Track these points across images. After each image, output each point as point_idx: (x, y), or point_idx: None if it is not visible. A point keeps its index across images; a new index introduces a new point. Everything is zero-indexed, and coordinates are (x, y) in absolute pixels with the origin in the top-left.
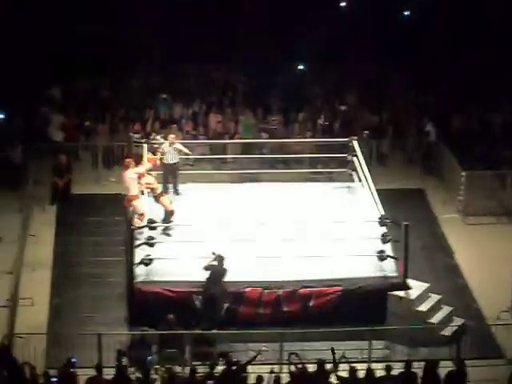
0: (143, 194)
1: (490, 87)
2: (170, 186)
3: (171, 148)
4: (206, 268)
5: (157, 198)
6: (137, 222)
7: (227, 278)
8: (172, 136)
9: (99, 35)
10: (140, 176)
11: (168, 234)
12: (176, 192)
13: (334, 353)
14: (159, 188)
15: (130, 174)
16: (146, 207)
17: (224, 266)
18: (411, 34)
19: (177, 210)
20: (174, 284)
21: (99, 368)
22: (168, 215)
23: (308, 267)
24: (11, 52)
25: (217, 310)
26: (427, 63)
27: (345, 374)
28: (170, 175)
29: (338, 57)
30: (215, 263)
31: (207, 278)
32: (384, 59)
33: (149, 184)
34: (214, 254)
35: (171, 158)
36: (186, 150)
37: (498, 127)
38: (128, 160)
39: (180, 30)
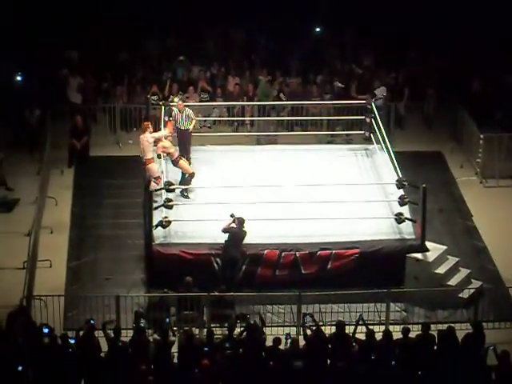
0: (160, 157)
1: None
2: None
3: (182, 114)
4: (225, 230)
5: (175, 162)
6: (153, 185)
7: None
8: (180, 102)
9: None
10: (157, 140)
11: (186, 196)
12: (187, 158)
13: (359, 323)
14: (176, 152)
15: (147, 138)
16: (163, 170)
17: (244, 229)
18: None
19: (194, 172)
20: (193, 246)
21: (118, 331)
22: (188, 178)
23: (326, 229)
24: (30, 13)
25: (236, 272)
26: (445, 26)
27: (362, 337)
28: (182, 140)
29: (356, 18)
30: (234, 226)
31: (226, 241)
32: (402, 21)
33: (165, 148)
34: (232, 216)
35: (181, 124)
36: (194, 123)
37: None
38: (146, 123)
39: None
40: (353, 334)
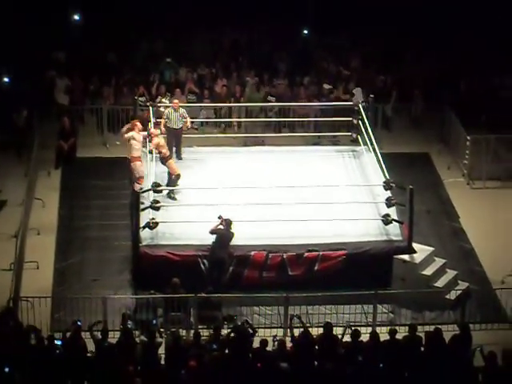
0: (152, 153)
1: (495, 50)
2: (174, 150)
3: (177, 113)
4: (213, 232)
5: (164, 161)
6: (136, 186)
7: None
8: (176, 101)
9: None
10: (152, 136)
11: (173, 198)
12: (179, 157)
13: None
14: (168, 151)
15: (134, 135)
16: (151, 170)
17: (231, 230)
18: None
19: (181, 173)
20: (180, 248)
21: (105, 332)
22: (174, 179)
23: (313, 231)
24: (18, 15)
25: (223, 273)
26: (434, 27)
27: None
28: (173, 140)
29: (344, 20)
30: (222, 227)
31: (213, 242)
32: (392, 23)
33: (159, 146)
34: (220, 217)
35: (175, 123)
36: (188, 122)
37: (504, 91)
38: (134, 121)
39: None
40: (340, 340)
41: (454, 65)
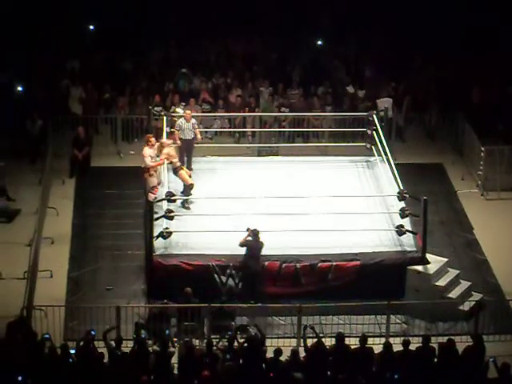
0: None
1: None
2: (185, 160)
3: (189, 124)
4: (242, 244)
5: (175, 171)
6: (150, 196)
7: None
8: (188, 112)
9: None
10: (163, 146)
11: (187, 208)
12: (189, 167)
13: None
14: (178, 162)
15: (148, 152)
16: (164, 180)
17: (260, 240)
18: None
19: (195, 183)
20: (193, 257)
21: (119, 341)
22: (187, 189)
23: (327, 241)
24: (31, 24)
25: (259, 284)
26: (446, 36)
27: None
28: (185, 151)
29: (357, 31)
30: (250, 238)
31: (245, 254)
32: (403, 33)
33: (170, 156)
34: (248, 229)
35: (188, 134)
36: (198, 135)
37: None
38: (148, 136)
39: (200, 2)
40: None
41: (468, 73)
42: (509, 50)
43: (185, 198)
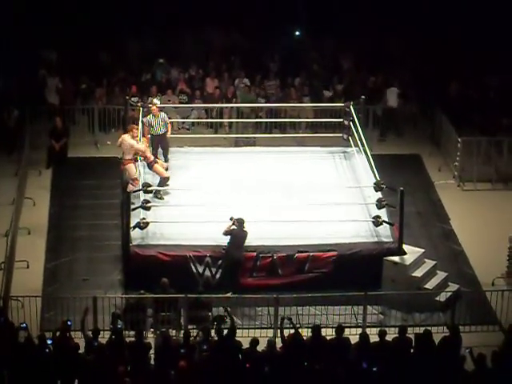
0: (137, 160)
1: (486, 50)
2: (161, 153)
3: (158, 118)
4: (227, 233)
5: (150, 166)
6: (130, 187)
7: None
8: (155, 108)
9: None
10: (147, 130)
11: (160, 198)
12: (166, 160)
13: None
14: (151, 156)
15: (129, 140)
16: (141, 171)
17: (244, 229)
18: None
19: (172, 174)
20: (170, 248)
21: (96, 331)
22: (163, 181)
23: (303, 232)
24: (7, 13)
25: (239, 273)
26: (425, 27)
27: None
28: (158, 145)
29: (335, 21)
30: (235, 227)
31: (229, 243)
32: (382, 24)
33: (140, 152)
34: (231, 219)
35: (158, 129)
36: (169, 130)
37: (495, 92)
38: (132, 125)
39: None
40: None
41: (444, 65)
42: (486, 42)
43: (162, 188)
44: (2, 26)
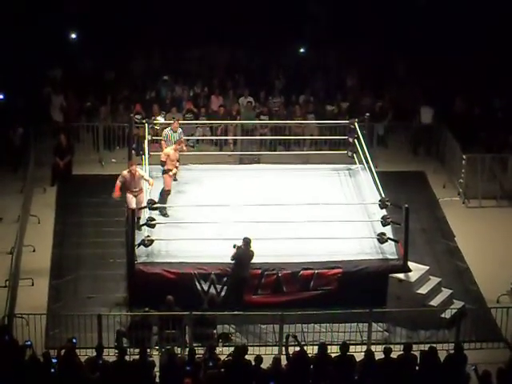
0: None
1: (492, 71)
2: None
3: (176, 134)
4: (234, 257)
5: (164, 172)
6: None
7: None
8: (175, 124)
9: (101, 19)
10: (165, 143)
11: (165, 215)
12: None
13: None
14: (172, 166)
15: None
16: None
17: (251, 249)
18: (414, 17)
19: (177, 191)
20: (175, 265)
21: (100, 349)
22: (164, 193)
23: (308, 249)
24: (13, 32)
25: (244, 292)
26: (430, 46)
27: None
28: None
29: (340, 39)
30: (242, 246)
31: (235, 263)
32: (387, 42)
33: (168, 156)
34: (235, 246)
35: (172, 144)
36: (184, 147)
37: (500, 111)
38: (129, 162)
39: (182, 10)
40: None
41: (449, 83)
42: (491, 59)
43: (166, 206)
44: (8, 43)
